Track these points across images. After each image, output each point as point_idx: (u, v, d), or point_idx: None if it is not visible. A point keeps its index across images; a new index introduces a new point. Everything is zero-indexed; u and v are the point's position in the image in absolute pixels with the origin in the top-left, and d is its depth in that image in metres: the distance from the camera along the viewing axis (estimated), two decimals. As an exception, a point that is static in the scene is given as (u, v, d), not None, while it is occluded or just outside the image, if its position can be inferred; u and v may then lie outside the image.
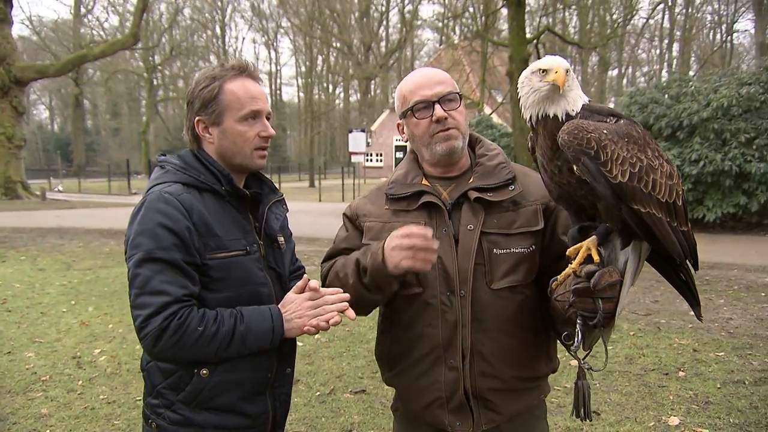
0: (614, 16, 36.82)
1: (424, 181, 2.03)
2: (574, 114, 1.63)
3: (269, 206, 1.99)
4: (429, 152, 2.00)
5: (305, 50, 48.06)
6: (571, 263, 1.69)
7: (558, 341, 1.99)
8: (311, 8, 43.25)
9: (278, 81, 61.05)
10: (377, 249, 1.86)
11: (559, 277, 1.73)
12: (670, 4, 41.56)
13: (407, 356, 2.00)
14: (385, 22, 49.70)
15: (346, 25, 44.95)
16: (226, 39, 55.18)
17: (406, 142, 2.13)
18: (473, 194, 1.94)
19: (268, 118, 1.93)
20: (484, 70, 24.08)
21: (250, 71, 1.90)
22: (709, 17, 44.94)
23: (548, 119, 1.65)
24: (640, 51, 43.95)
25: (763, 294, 7.29)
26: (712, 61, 36.61)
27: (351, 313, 1.84)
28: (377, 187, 2.18)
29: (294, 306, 1.84)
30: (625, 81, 47.86)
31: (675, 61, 43.21)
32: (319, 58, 50.46)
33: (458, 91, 2.00)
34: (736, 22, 43.61)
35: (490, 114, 19.84)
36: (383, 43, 50.29)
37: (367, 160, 39.72)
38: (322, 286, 2.11)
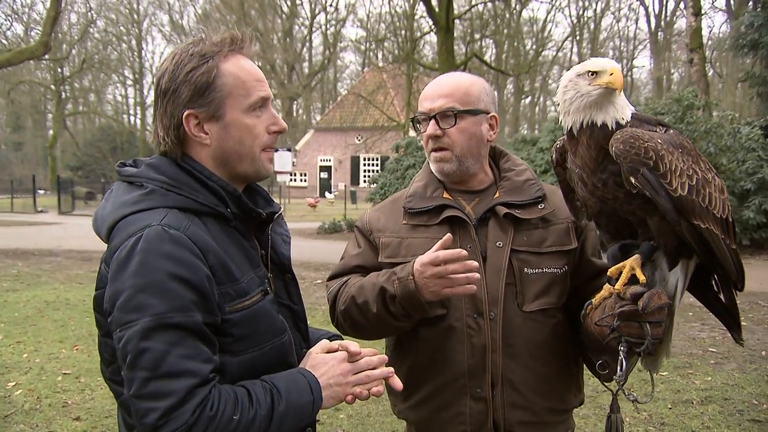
0: (527, 48, 38.60)
1: (446, 195, 1.87)
2: (624, 123, 1.50)
3: (271, 225, 1.54)
4: (431, 166, 1.90)
5: (226, 68, 46.93)
6: (611, 284, 1.54)
7: (588, 370, 1.85)
8: (233, 25, 42.50)
9: (197, 98, 59.31)
10: (406, 276, 1.67)
11: (594, 300, 1.59)
12: (577, 38, 44.14)
13: (426, 385, 1.81)
14: (308, 43, 49.66)
15: (270, 44, 44.50)
16: (143, 53, 53.13)
17: None
18: (502, 210, 1.79)
19: None
20: (409, 93, 24.40)
21: (246, 46, 1.45)
22: (611, 52, 48.03)
23: (595, 127, 1.51)
24: (551, 81, 46.12)
25: (690, 314, 7.58)
26: (616, 93, 38.78)
27: (397, 382, 1.49)
28: (391, 199, 2.01)
29: (329, 369, 1.42)
30: (537, 109, 50.21)
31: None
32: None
33: (467, 107, 1.81)
34: (635, 58, 46.94)
35: (417, 137, 19.97)
36: (306, 64, 50.22)
37: (291, 180, 39.38)
38: (332, 305, 1.87)
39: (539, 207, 1.83)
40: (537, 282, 1.77)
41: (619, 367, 1.53)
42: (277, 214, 1.55)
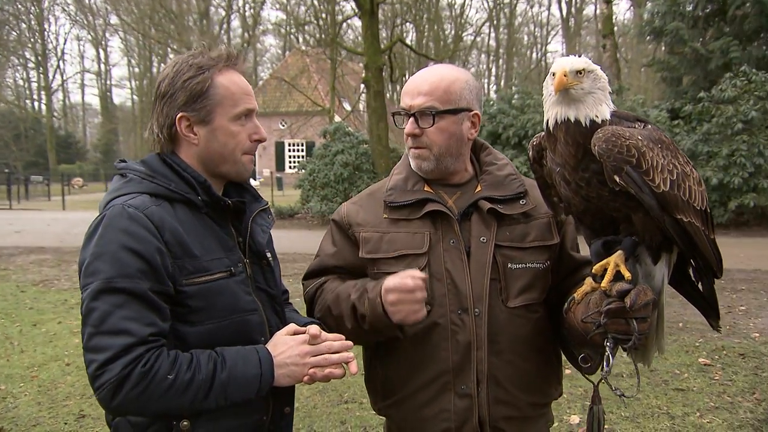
0: (447, 32, 39.07)
1: (427, 188, 1.84)
2: (600, 121, 1.50)
3: (253, 217, 1.69)
4: (411, 162, 1.87)
5: (139, 50, 44.98)
6: (595, 281, 1.55)
7: (570, 363, 1.87)
8: (144, 6, 40.45)
9: (108, 82, 56.56)
10: (375, 297, 1.66)
11: (576, 295, 1.60)
12: (494, 23, 45.07)
13: (408, 382, 1.79)
14: (226, 25, 48.02)
15: (185, 26, 42.69)
16: (45, 34, 49.49)
17: None
18: (485, 205, 1.78)
19: None
20: (333, 78, 24.11)
21: (239, 63, 1.64)
22: (526, 38, 49.49)
23: (570, 123, 1.50)
24: (470, 66, 46.95)
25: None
26: (531, 78, 40.16)
27: (354, 366, 1.58)
28: (368, 192, 1.95)
29: (288, 349, 1.55)
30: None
31: (502, 75, 46.89)
32: (155, 59, 47.47)
33: (447, 106, 1.77)
34: (548, 43, 48.53)
35: (342, 120, 19.91)
36: (224, 47, 48.48)
37: (213, 167, 37.99)
38: (309, 308, 1.87)
39: (521, 202, 1.83)
40: (521, 277, 1.77)
41: (605, 363, 1.53)
42: (261, 208, 1.73)
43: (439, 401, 1.75)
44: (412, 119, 1.77)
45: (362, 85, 18.33)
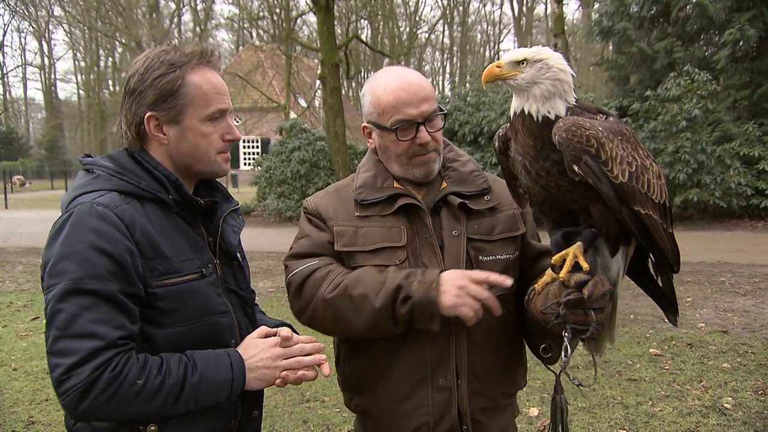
0: (401, 29, 39.17)
1: (396, 185, 1.84)
2: (553, 117, 1.51)
3: (224, 217, 1.66)
4: (403, 171, 1.83)
5: (84, 43, 43.49)
6: (555, 272, 1.58)
7: (532, 353, 1.91)
8: (91, -3, 39.09)
9: (52, 76, 54.42)
10: (431, 281, 1.62)
11: (537, 285, 1.63)
12: (448, 21, 45.48)
13: (385, 377, 1.78)
14: (176, 19, 46.90)
15: (133, 20, 41.46)
16: (-15, 25, 47.33)
17: (373, 149, 1.91)
18: (455, 200, 1.80)
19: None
20: (289, 74, 23.87)
21: (213, 60, 1.58)
22: (479, 36, 50.09)
23: (524, 115, 1.54)
24: (425, 63, 47.30)
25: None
26: (485, 75, 40.51)
27: (326, 368, 1.59)
28: (335, 189, 1.93)
29: (259, 352, 1.54)
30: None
31: (456, 73, 47.34)
32: (102, 53, 46.00)
33: (440, 107, 1.81)
34: (501, 41, 49.25)
35: (298, 117, 19.73)
36: (176, 41, 47.31)
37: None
38: (298, 289, 1.75)
39: (485, 198, 1.85)
40: (492, 269, 1.78)
41: (563, 353, 1.57)
42: (232, 208, 1.70)
43: (417, 396, 1.75)
44: (423, 128, 1.75)
45: (318, 82, 18.20)
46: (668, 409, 4.32)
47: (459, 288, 1.61)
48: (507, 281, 1.62)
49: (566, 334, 1.54)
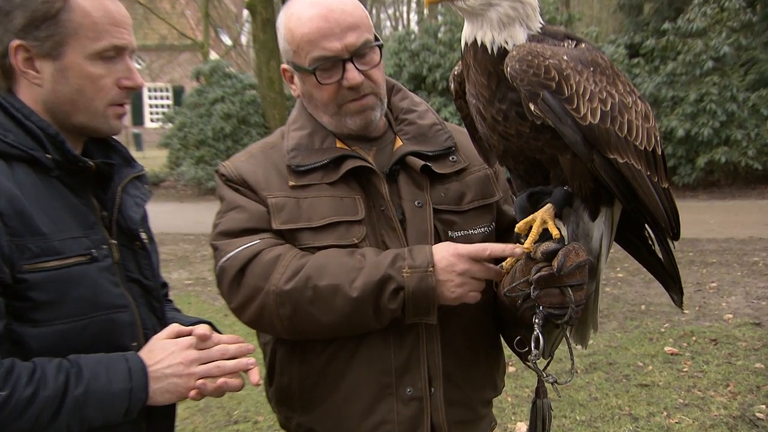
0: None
1: (339, 144, 1.82)
2: (509, 45, 1.51)
3: (124, 185, 1.64)
4: (334, 123, 1.82)
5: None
6: (521, 241, 1.58)
7: (508, 347, 1.93)
8: None
9: None
10: (424, 266, 1.62)
11: (505, 263, 1.65)
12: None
13: (335, 389, 1.78)
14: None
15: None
16: None
17: (297, 97, 1.89)
18: (416, 162, 1.79)
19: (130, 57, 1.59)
20: (207, 2, 23.40)
21: None
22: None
23: (477, 47, 1.53)
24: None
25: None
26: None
27: (256, 375, 1.58)
28: (261, 149, 1.90)
29: (168, 356, 1.52)
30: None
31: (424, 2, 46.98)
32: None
33: (376, 36, 1.79)
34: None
35: (221, 58, 19.43)
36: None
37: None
38: (235, 278, 1.71)
39: (451, 159, 1.85)
40: None
41: (533, 344, 1.57)
42: (135, 174, 1.67)
43: (378, 410, 1.76)
44: (351, 65, 1.72)
45: (246, 11, 17.88)
46: (687, 421, 4.44)
47: (460, 274, 1.63)
48: (516, 249, 1.61)
49: (536, 320, 1.55)
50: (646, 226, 1.72)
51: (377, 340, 1.73)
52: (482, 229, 1.84)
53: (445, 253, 1.64)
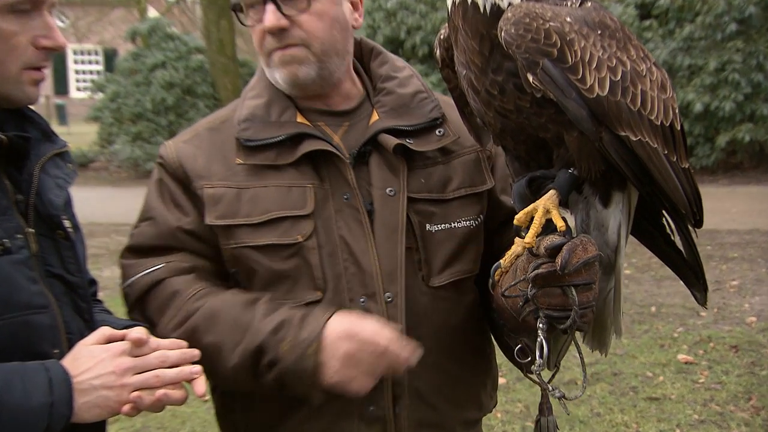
0: None
1: (300, 118, 1.82)
2: (506, 5, 1.50)
3: (43, 164, 1.61)
4: (272, 77, 1.84)
5: None
6: (521, 234, 1.59)
7: (506, 357, 1.95)
8: None
9: None
10: (308, 341, 1.62)
11: (504, 260, 1.64)
12: None
13: (289, 409, 1.80)
14: None
15: None
16: None
17: None
18: (390, 140, 1.79)
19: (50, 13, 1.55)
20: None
21: None
22: None
23: (467, 6, 1.52)
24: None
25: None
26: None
27: (201, 385, 1.55)
28: (209, 125, 1.92)
29: (97, 365, 1.48)
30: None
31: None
32: None
33: None
34: None
35: (162, 16, 19.23)
36: None
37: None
38: (136, 306, 1.76)
39: (437, 133, 1.85)
40: (445, 242, 1.81)
41: (537, 352, 1.56)
42: (56, 151, 1.65)
43: (339, 430, 1.78)
44: (270, 6, 1.72)
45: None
46: (703, 439, 4.52)
47: (346, 357, 1.60)
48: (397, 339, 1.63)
49: (541, 325, 1.54)
50: (664, 212, 1.72)
51: None
52: (467, 223, 1.85)
53: (340, 326, 1.63)
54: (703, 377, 5.44)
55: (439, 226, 1.82)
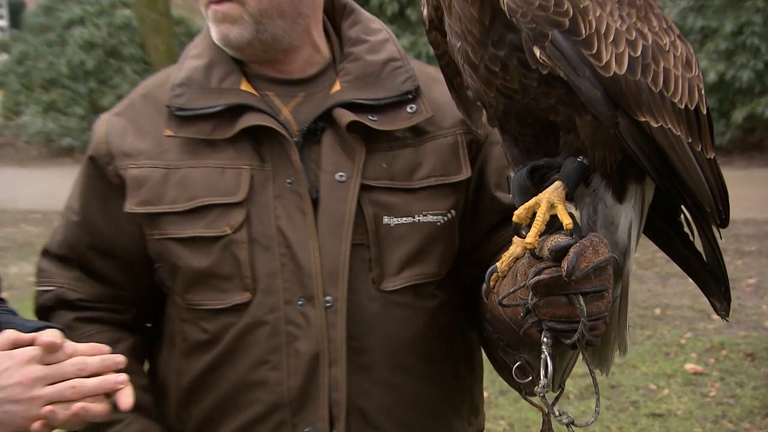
0: None
1: (245, 85, 1.83)
2: None
3: None
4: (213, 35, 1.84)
5: None
6: (521, 233, 1.59)
7: (502, 378, 1.96)
8: None
9: None
10: None
11: (501, 263, 1.63)
12: None
13: (219, 427, 1.83)
14: None
15: None
16: None
17: None
18: (344, 115, 1.79)
19: None
20: None
21: None
22: None
23: None
24: None
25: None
26: None
27: (127, 398, 1.54)
28: (143, 93, 1.93)
29: (1, 375, 1.50)
30: None
31: None
32: None
33: None
34: None
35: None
36: None
37: None
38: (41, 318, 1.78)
39: (408, 110, 1.85)
40: (405, 240, 1.82)
41: (542, 371, 1.56)
42: None
43: None
44: None
45: None
46: (713, 462, 4.61)
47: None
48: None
49: (545, 339, 1.53)
50: (683, 208, 1.72)
51: (266, 368, 1.78)
52: (434, 217, 1.85)
53: None
54: (714, 390, 5.50)
55: (399, 219, 1.82)
